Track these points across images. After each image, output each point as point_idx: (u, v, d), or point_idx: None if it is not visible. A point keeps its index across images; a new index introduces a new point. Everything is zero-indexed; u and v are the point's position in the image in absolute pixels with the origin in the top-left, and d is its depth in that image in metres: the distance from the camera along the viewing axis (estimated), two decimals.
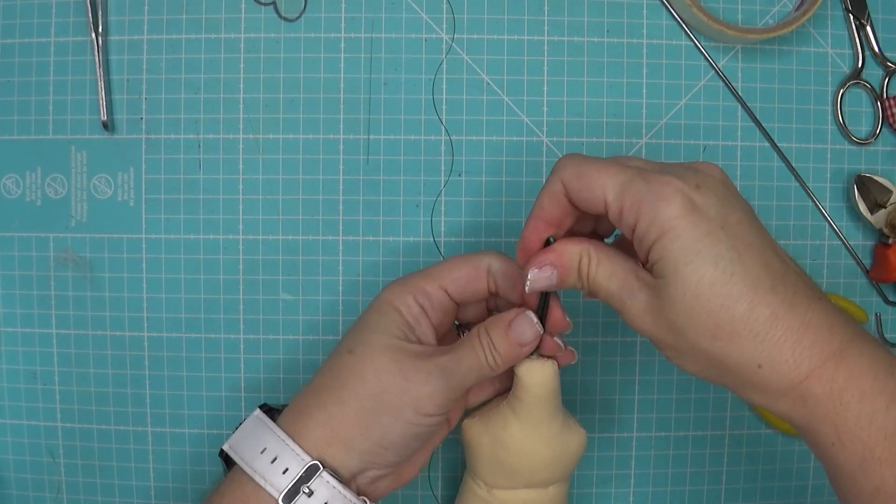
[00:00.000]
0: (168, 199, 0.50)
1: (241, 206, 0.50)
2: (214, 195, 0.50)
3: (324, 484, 0.37)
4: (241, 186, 0.50)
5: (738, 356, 0.32)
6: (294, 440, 0.37)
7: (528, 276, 0.36)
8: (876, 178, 0.50)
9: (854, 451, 0.32)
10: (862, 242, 0.52)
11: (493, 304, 0.43)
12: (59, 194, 0.50)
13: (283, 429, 0.38)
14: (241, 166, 0.50)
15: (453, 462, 0.50)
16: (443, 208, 0.50)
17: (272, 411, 0.40)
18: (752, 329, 0.32)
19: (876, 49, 0.51)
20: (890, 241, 0.50)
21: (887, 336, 0.52)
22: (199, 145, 0.50)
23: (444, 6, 0.50)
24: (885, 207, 0.50)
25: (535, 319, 0.38)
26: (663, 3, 0.50)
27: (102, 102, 0.49)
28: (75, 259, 0.50)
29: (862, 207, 0.50)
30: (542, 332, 0.38)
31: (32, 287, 0.50)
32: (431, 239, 0.50)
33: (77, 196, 0.50)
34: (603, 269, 0.35)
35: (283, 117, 0.50)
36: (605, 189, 0.34)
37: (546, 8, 0.50)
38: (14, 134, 0.50)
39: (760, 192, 0.51)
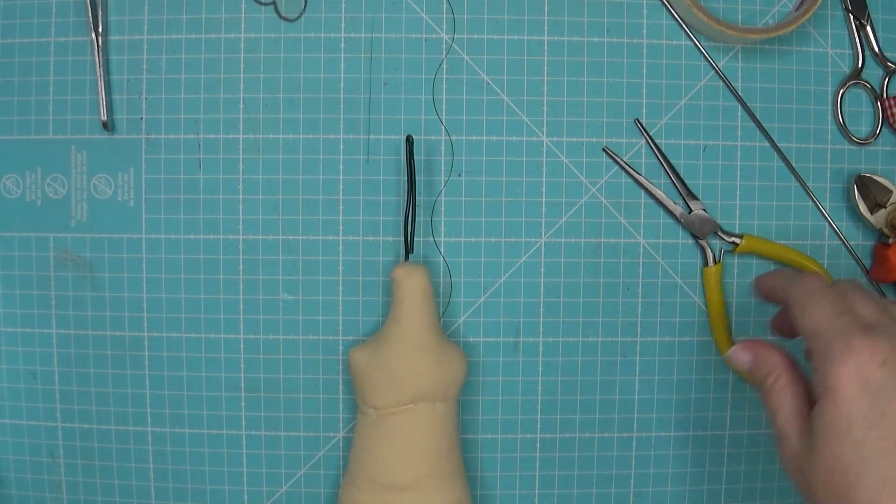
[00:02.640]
0: (168, 199, 0.50)
1: (241, 206, 0.50)
2: (214, 195, 0.50)
3: None
4: (241, 186, 0.50)
5: None
6: None
7: (736, 346, 0.40)
8: (876, 178, 0.50)
9: None
10: (862, 242, 0.52)
11: None
12: (59, 194, 0.50)
13: None
14: (241, 166, 0.50)
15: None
16: (443, 208, 0.50)
17: None
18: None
19: (876, 49, 0.51)
20: (890, 241, 0.50)
21: None
22: (199, 145, 0.50)
23: (444, 6, 0.50)
24: (885, 207, 0.50)
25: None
26: (663, 3, 0.50)
27: (102, 102, 0.49)
28: (75, 259, 0.50)
29: (862, 207, 0.50)
30: None
31: (32, 287, 0.50)
32: (431, 239, 0.50)
33: (77, 196, 0.50)
34: (782, 394, 0.37)
35: (283, 117, 0.50)
36: (810, 324, 0.36)
37: (546, 8, 0.50)
38: (14, 134, 0.50)
39: (760, 192, 0.51)
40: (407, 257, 0.47)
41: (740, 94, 0.51)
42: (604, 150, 0.50)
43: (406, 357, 0.45)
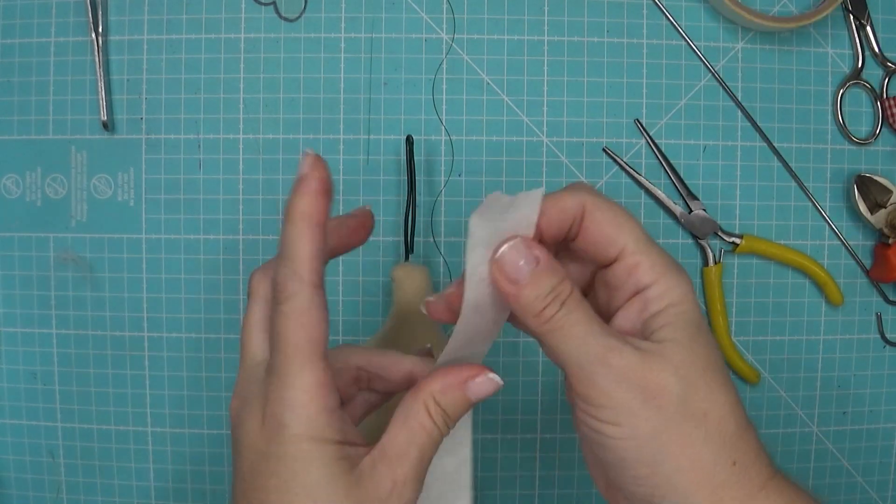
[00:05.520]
0: (168, 199, 0.50)
1: (241, 206, 0.50)
2: (214, 195, 0.50)
3: None
4: (241, 186, 0.50)
5: (720, 445, 0.30)
6: None
7: (512, 242, 0.29)
8: (876, 178, 0.50)
9: None
10: (862, 242, 0.52)
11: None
12: (59, 194, 0.50)
13: None
14: (241, 166, 0.50)
15: None
16: (443, 208, 0.50)
17: None
18: (738, 420, 0.30)
19: (876, 49, 0.51)
20: (890, 241, 0.50)
21: (888, 336, 0.52)
22: (199, 145, 0.50)
23: (444, 6, 0.50)
24: (885, 207, 0.50)
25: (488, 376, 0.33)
26: (657, 4, 0.50)
27: (102, 102, 0.49)
28: (75, 259, 0.50)
29: (862, 207, 0.50)
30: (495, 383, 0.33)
31: (32, 287, 0.50)
32: (431, 239, 0.50)
33: (77, 196, 0.50)
34: (583, 308, 0.30)
35: (283, 117, 0.50)
36: (628, 236, 0.31)
37: (546, 8, 0.50)
38: (14, 134, 0.50)
39: (760, 192, 0.51)
40: (407, 257, 0.47)
41: (740, 94, 0.51)
42: (604, 150, 0.50)
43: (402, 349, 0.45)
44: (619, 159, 0.50)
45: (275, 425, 0.28)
